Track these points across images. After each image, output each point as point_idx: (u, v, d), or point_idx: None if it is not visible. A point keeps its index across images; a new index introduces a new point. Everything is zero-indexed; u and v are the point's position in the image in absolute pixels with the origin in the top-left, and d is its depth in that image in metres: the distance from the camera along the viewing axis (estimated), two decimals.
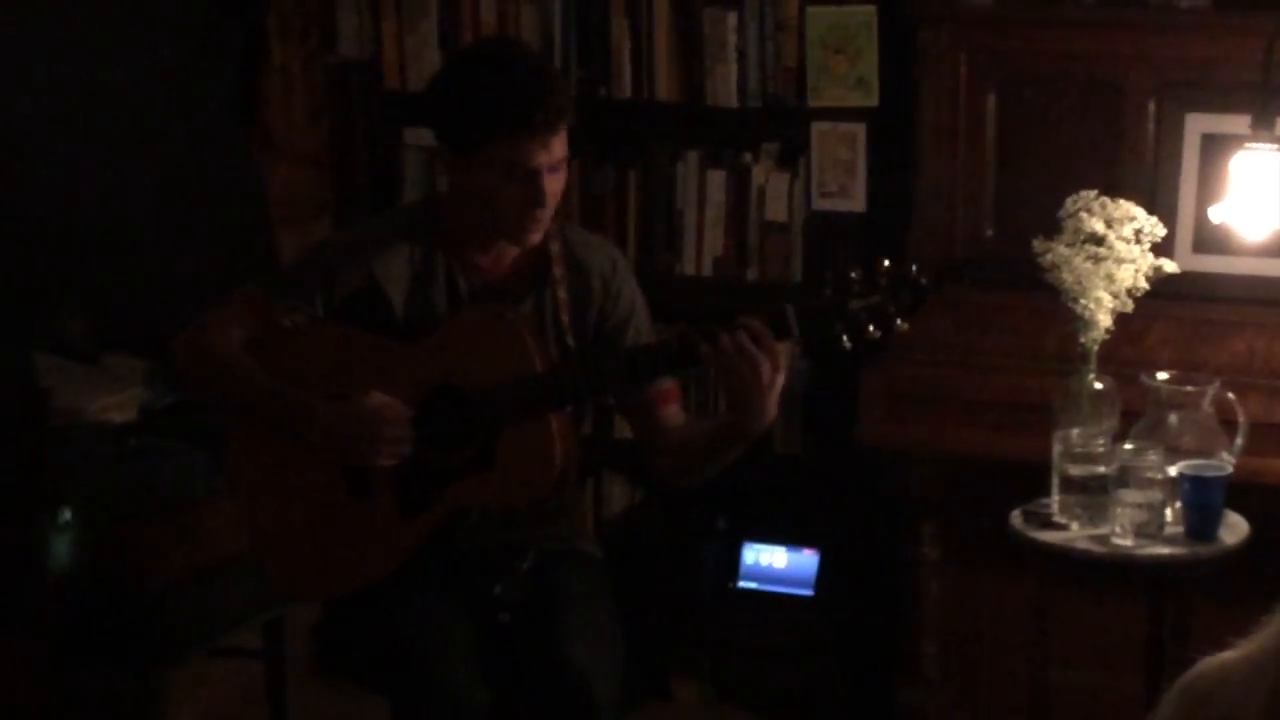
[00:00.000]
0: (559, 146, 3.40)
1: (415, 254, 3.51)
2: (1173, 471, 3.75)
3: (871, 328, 3.31)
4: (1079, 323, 3.89)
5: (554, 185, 3.42)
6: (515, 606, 3.52)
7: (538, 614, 3.48)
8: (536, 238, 3.48)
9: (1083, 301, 3.86)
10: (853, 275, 3.30)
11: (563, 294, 3.53)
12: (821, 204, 4.72)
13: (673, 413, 3.58)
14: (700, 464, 3.56)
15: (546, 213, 3.43)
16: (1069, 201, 3.94)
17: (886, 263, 3.32)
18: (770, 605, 4.82)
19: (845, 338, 3.33)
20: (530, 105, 3.34)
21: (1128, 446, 3.76)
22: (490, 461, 3.42)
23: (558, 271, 3.54)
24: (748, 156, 4.82)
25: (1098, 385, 3.89)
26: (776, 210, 4.78)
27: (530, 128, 3.34)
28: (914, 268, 3.33)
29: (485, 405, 3.40)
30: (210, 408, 3.70)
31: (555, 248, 3.55)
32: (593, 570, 3.63)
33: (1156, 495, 3.72)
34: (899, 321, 3.32)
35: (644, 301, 3.65)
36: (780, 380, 3.32)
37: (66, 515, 4.02)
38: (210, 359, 3.49)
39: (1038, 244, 3.93)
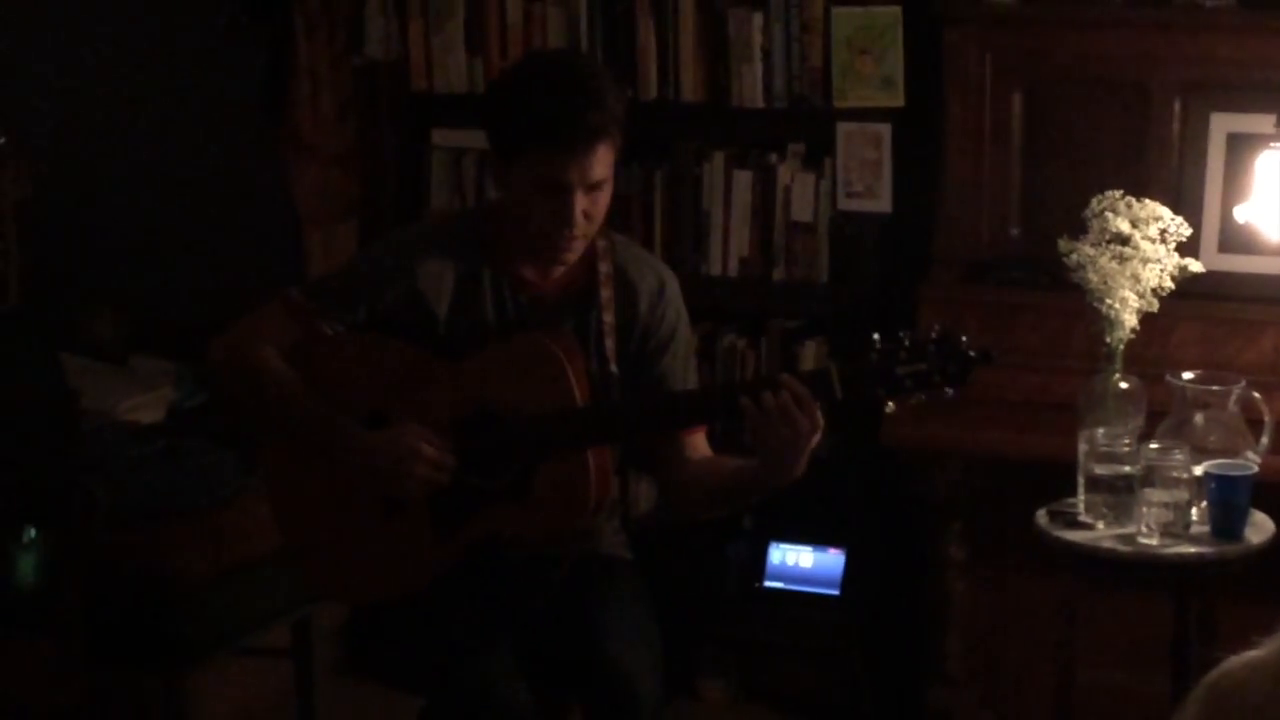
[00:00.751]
0: (598, 167, 3.34)
1: (460, 265, 3.46)
2: (1198, 471, 3.74)
3: (916, 394, 3.28)
4: (1104, 322, 3.89)
5: (590, 205, 3.36)
6: (553, 610, 3.52)
7: (576, 619, 3.48)
8: (570, 257, 3.44)
9: (1108, 301, 3.86)
10: (901, 339, 3.26)
11: (609, 318, 3.49)
12: (847, 204, 4.72)
13: (698, 442, 3.55)
14: (716, 501, 3.55)
15: (578, 232, 3.38)
16: (1094, 201, 3.95)
17: (935, 330, 3.28)
18: (796, 605, 4.82)
19: (889, 402, 3.32)
20: (564, 120, 3.29)
21: (1153, 446, 3.75)
22: (525, 492, 3.39)
23: (605, 294, 3.49)
24: (773, 157, 4.82)
25: (1123, 385, 3.90)
26: (802, 210, 4.78)
27: (561, 142, 3.30)
28: (964, 338, 3.27)
29: (523, 435, 3.38)
30: (243, 416, 3.68)
31: (604, 267, 3.50)
32: (626, 572, 3.63)
33: (1182, 495, 3.72)
34: (943, 390, 3.28)
35: (687, 325, 3.61)
36: (816, 440, 3.29)
37: (31, 534, 4.00)
38: (247, 368, 3.45)
39: (1063, 244, 3.93)
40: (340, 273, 3.67)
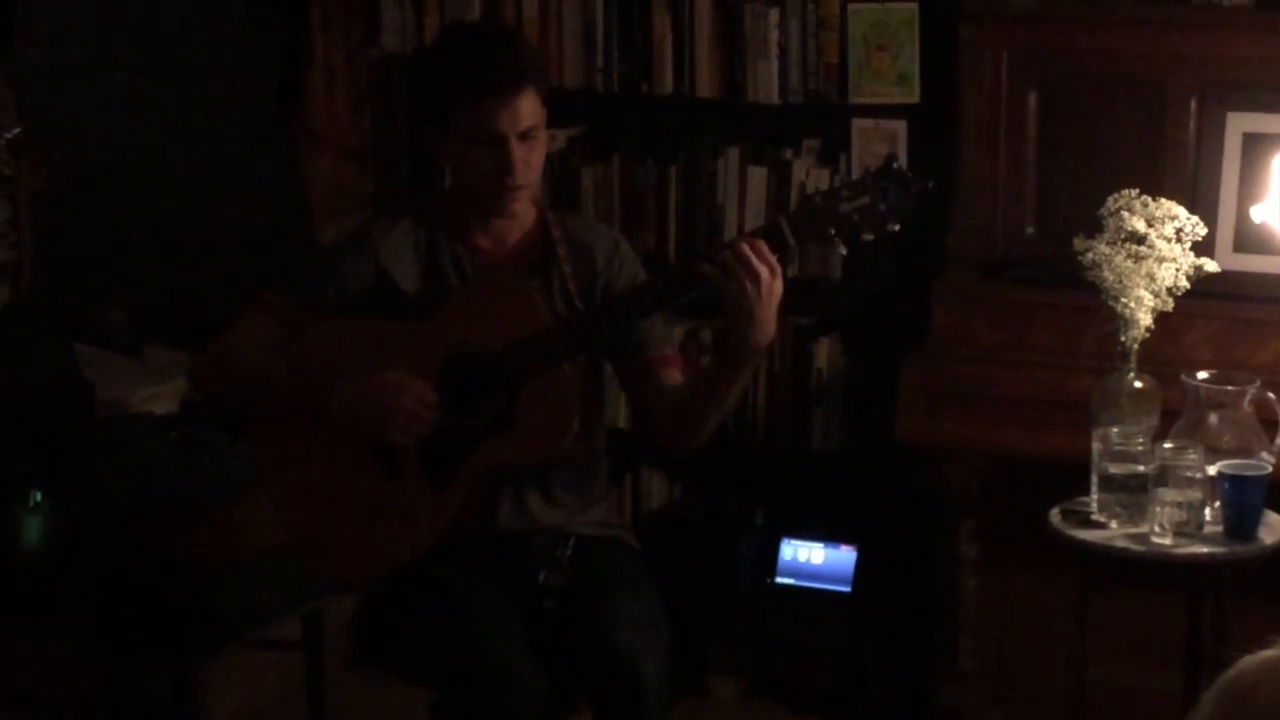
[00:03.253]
0: (526, 113, 3.46)
1: (420, 241, 3.58)
2: (1212, 471, 3.74)
3: (865, 231, 3.39)
4: (1119, 321, 3.89)
5: (527, 154, 3.49)
6: (559, 593, 3.54)
7: (582, 599, 3.52)
8: (518, 209, 3.56)
9: (1123, 300, 3.85)
10: (842, 180, 3.37)
11: (568, 269, 3.60)
12: None
13: (673, 374, 3.63)
14: (706, 409, 3.56)
15: (520, 180, 3.49)
16: (1110, 200, 3.94)
17: (873, 166, 3.41)
18: (808, 601, 4.82)
19: (841, 244, 3.42)
20: (486, 67, 3.43)
21: (1167, 445, 3.75)
22: (512, 419, 3.47)
23: (561, 251, 3.60)
24: (789, 153, 4.81)
25: (1137, 384, 3.89)
26: None
27: (485, 89, 3.42)
28: (897, 164, 3.42)
29: (502, 364, 3.46)
30: (240, 413, 3.75)
31: (557, 233, 3.62)
32: (633, 556, 3.67)
33: (1196, 494, 3.71)
34: (891, 223, 3.40)
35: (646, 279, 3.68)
36: (779, 288, 3.38)
37: (37, 497, 4.06)
38: (226, 367, 3.57)
39: (1079, 242, 3.93)
40: (306, 263, 3.84)
